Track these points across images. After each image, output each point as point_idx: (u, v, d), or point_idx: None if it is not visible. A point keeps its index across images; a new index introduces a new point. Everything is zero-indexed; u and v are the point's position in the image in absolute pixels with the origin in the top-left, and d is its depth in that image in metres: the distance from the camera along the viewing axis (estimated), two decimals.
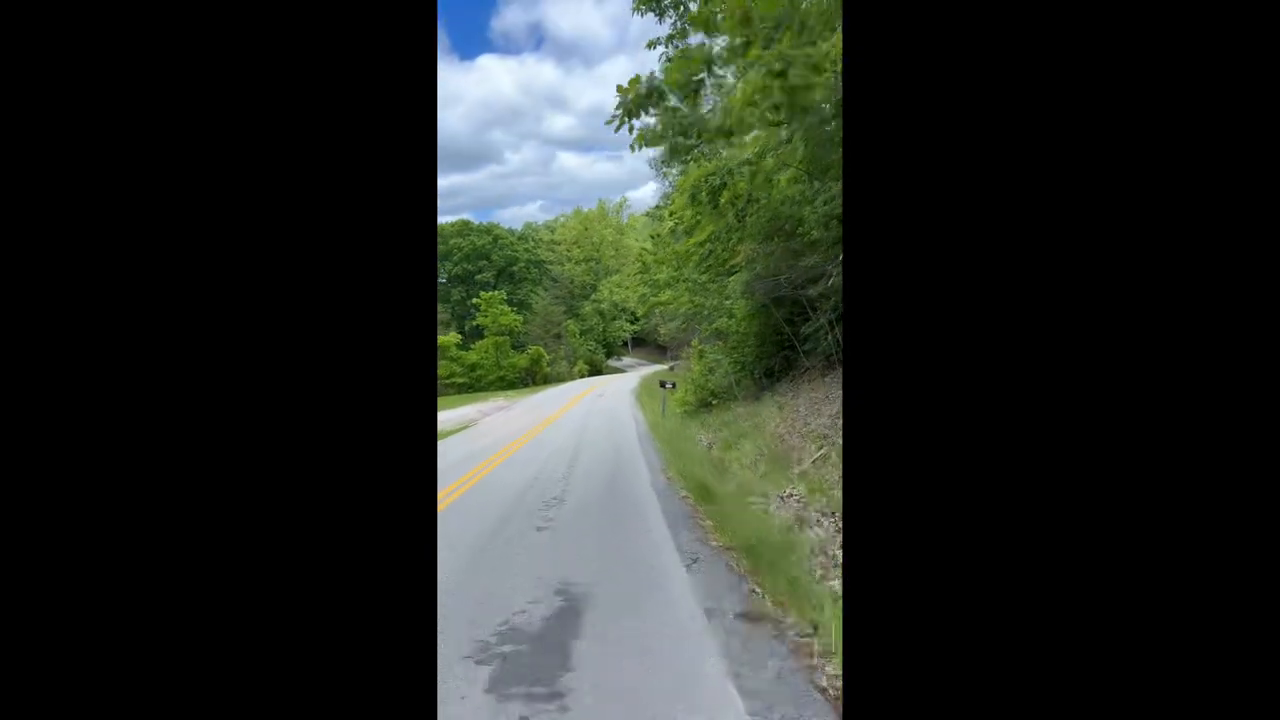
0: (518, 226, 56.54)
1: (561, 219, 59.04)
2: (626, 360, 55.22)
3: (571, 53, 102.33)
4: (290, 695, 0.95)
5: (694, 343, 15.43)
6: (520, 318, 39.10)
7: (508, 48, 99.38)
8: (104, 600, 0.92)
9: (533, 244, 54.41)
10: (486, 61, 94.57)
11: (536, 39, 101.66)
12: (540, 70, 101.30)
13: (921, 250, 1.02)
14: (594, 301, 51.86)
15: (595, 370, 45.18)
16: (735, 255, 10.35)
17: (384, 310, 1.03)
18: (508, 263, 49.28)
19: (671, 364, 29.52)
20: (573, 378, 39.65)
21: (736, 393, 12.47)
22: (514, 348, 36.46)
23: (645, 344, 60.59)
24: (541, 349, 35.79)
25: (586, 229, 54.41)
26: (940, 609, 0.98)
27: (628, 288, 53.52)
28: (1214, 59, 0.90)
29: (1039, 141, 0.97)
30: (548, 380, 35.43)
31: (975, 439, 0.98)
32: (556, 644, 2.82)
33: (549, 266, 51.81)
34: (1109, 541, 0.92)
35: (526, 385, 33.15)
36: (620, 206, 56.39)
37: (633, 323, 54.34)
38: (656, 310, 29.13)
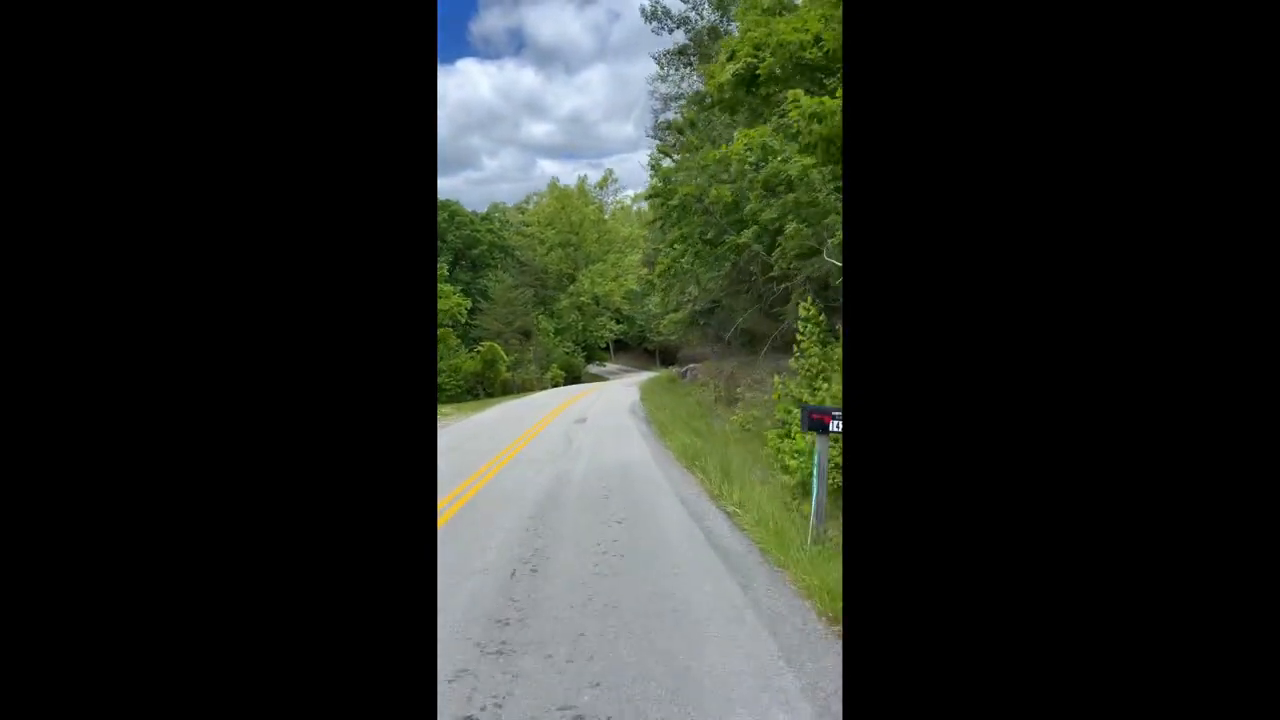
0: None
1: (534, 198, 49.73)
2: (610, 366, 46.24)
3: (552, 59, 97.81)
4: (290, 695, 0.95)
5: (804, 306, 6.13)
6: (468, 300, 29.72)
7: (487, 52, 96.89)
8: (104, 601, 0.91)
9: (498, 225, 45.19)
10: (465, 65, 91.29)
11: (516, 44, 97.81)
12: (520, 76, 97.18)
13: (923, 248, 1.01)
14: (571, 294, 42.63)
15: (573, 377, 35.89)
16: None
17: (384, 310, 1.03)
18: (467, 245, 40.01)
19: (682, 371, 20.34)
20: (544, 386, 30.44)
21: None
22: (464, 344, 27.03)
23: (629, 348, 52.06)
24: (499, 346, 26.36)
25: (563, 207, 45.20)
26: (941, 609, 0.97)
27: (614, 278, 44.92)
28: (1216, 58, 0.90)
29: (1041, 139, 0.96)
30: (508, 390, 26.07)
31: (976, 438, 0.98)
32: None
33: (518, 252, 42.54)
34: (1109, 539, 0.92)
35: (477, 397, 23.78)
36: (604, 183, 47.23)
37: (618, 322, 45.24)
38: (671, 295, 20.13)
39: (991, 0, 0.97)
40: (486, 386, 25.02)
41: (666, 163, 14.38)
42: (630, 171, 78.93)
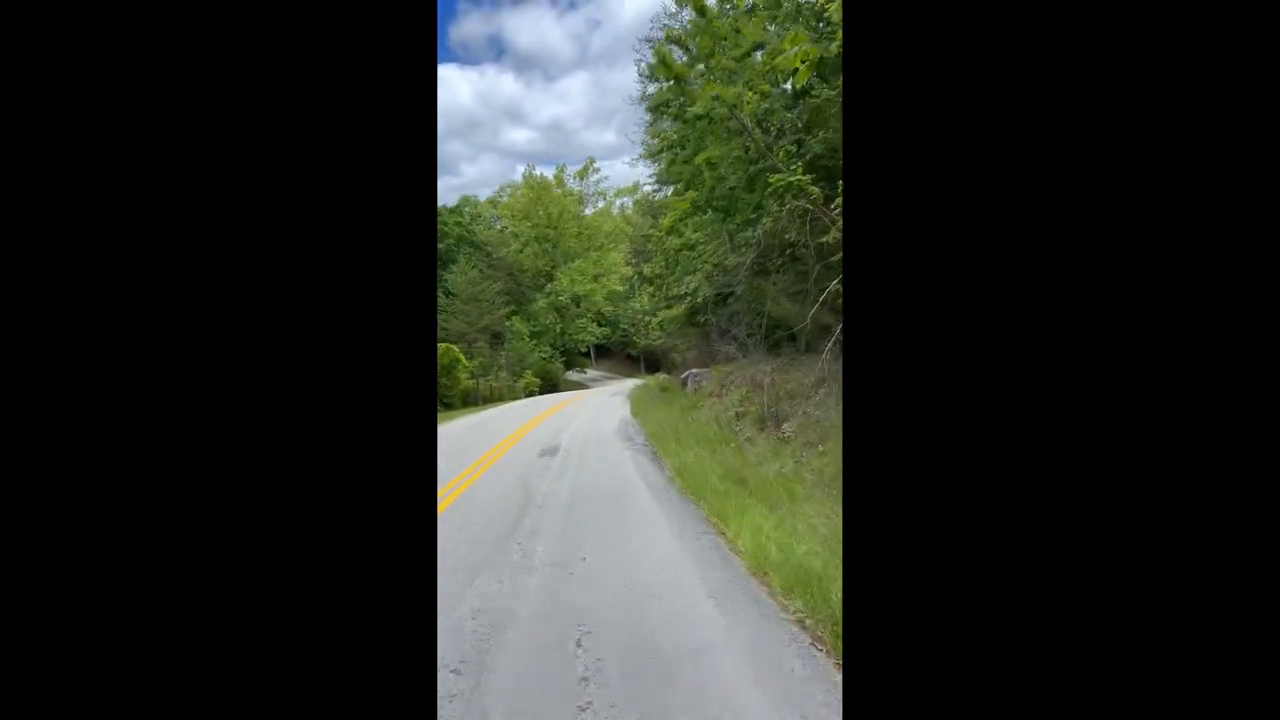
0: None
1: (508, 190, 45.29)
2: (591, 372, 42.22)
3: (531, 65, 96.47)
4: (289, 694, 0.94)
5: None
6: None
7: (466, 58, 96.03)
8: (102, 597, 0.91)
9: (468, 219, 40.96)
10: (445, 71, 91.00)
11: (496, 50, 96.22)
12: (499, 82, 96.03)
13: (923, 249, 1.00)
14: (549, 294, 38.50)
15: (550, 384, 31.73)
16: None
17: (384, 309, 1.02)
18: None
19: (683, 378, 16.39)
20: (516, 396, 26.34)
21: None
22: None
23: (611, 354, 48.29)
24: (457, 349, 22.05)
25: (539, 198, 40.98)
26: (941, 610, 0.96)
27: (595, 277, 40.78)
28: (1217, 57, 0.90)
29: (1042, 138, 0.95)
30: (469, 400, 21.83)
31: (977, 439, 0.96)
32: None
33: (488, 247, 38.31)
34: (1110, 540, 0.91)
35: None
36: (585, 172, 42.90)
37: (600, 325, 41.17)
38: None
39: (985, 7, 0.96)
40: (443, 396, 20.76)
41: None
42: (612, 178, 77.14)
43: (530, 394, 28.30)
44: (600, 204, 44.30)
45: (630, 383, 30.29)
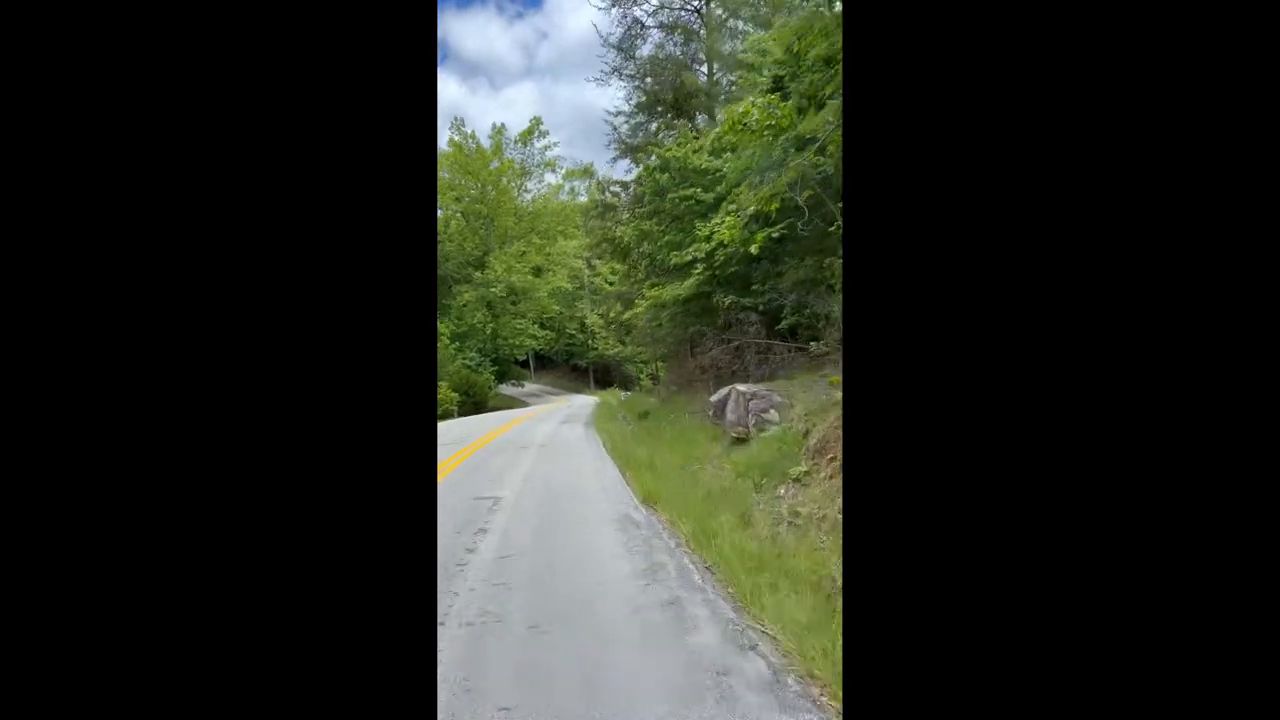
0: None
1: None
2: (529, 386, 34.23)
3: (476, 72, 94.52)
4: (289, 693, 0.94)
5: None
6: None
7: None
8: (102, 592, 0.90)
9: None
10: None
11: (440, 54, 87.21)
12: (444, 87, 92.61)
13: (924, 249, 1.00)
14: (479, 285, 30.24)
15: (476, 402, 23.55)
16: None
17: (384, 308, 1.03)
18: None
19: (719, 404, 8.65)
20: None
21: None
22: None
23: (554, 365, 40.44)
24: None
25: (469, 168, 32.69)
26: (941, 611, 0.95)
27: (535, 271, 32.75)
28: (1217, 57, 0.90)
29: (1042, 137, 0.95)
30: None
31: (977, 439, 0.96)
32: None
33: None
34: (1110, 541, 0.91)
35: None
36: (528, 135, 34.61)
37: (543, 327, 33.17)
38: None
39: (985, 5, 0.95)
40: None
41: None
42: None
43: (447, 415, 20.09)
44: (550, 178, 36.34)
45: (582, 401, 22.48)
